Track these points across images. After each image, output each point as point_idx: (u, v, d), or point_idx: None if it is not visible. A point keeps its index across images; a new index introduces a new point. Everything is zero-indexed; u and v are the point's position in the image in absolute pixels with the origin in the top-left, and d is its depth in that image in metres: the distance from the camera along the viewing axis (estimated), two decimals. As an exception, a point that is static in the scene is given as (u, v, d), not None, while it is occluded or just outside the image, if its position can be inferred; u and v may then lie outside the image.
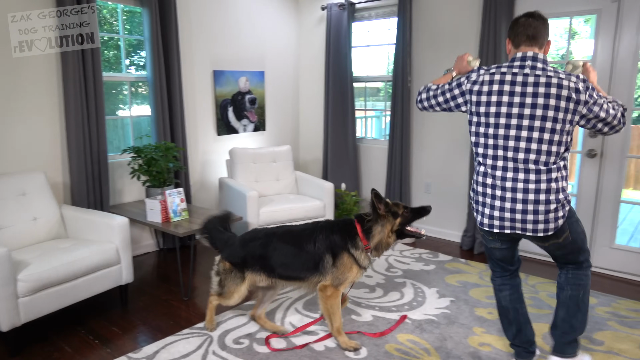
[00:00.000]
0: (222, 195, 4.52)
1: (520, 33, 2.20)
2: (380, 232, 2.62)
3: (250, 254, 2.74)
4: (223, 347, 2.72)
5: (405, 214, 2.65)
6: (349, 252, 2.63)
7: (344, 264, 2.62)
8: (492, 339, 2.77)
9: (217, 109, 4.72)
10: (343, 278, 2.63)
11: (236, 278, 2.76)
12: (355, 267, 2.64)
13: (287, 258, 2.70)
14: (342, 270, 2.62)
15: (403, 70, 4.50)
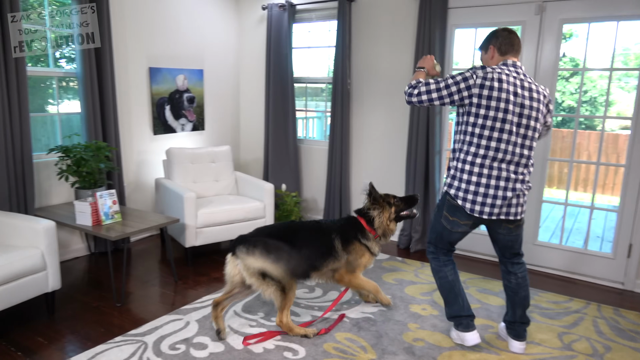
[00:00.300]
0: (159, 197, 4.39)
1: (508, 43, 2.51)
2: (381, 221, 2.98)
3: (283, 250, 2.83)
4: (158, 353, 2.65)
5: (397, 203, 3.04)
6: (360, 241, 2.96)
7: (355, 250, 2.94)
8: (426, 334, 2.88)
9: (154, 107, 4.58)
10: (356, 264, 2.96)
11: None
12: (368, 253, 2.99)
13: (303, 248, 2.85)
14: (354, 256, 2.94)
15: (343, 72, 4.57)
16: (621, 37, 3.53)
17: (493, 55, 2.54)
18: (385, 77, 4.51)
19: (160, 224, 3.58)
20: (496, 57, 2.54)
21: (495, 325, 3.02)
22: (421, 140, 4.21)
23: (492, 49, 2.54)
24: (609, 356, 2.68)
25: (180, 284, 3.60)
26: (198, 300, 3.30)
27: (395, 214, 3.03)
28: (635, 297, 3.50)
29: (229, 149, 4.68)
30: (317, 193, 5.18)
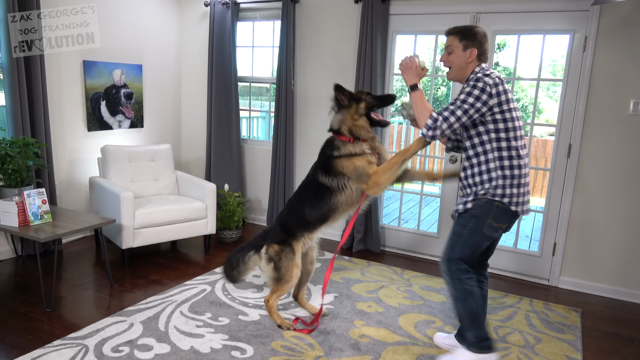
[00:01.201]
0: (93, 196, 4.16)
1: (487, 48, 2.44)
2: (343, 120, 2.71)
3: (284, 220, 2.86)
4: (100, 356, 2.51)
5: (368, 99, 2.71)
6: (337, 157, 2.70)
7: (343, 166, 2.68)
8: (371, 331, 2.94)
9: (88, 102, 4.34)
10: (360, 171, 2.65)
11: (289, 252, 2.80)
12: (355, 159, 2.67)
13: (309, 203, 2.78)
14: (350, 169, 2.67)
15: (287, 73, 4.57)
16: (549, 50, 3.81)
17: (471, 59, 2.40)
18: (328, 79, 4.56)
19: (95, 224, 3.40)
20: (473, 64, 2.41)
21: (438, 320, 3.13)
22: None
23: (473, 52, 2.40)
24: (539, 347, 2.86)
25: (117, 287, 3.43)
26: (142, 302, 3.16)
27: (365, 110, 2.69)
28: (559, 292, 3.77)
29: (170, 148, 4.52)
30: (261, 193, 5.14)
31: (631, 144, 3.51)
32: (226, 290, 3.42)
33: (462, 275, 2.44)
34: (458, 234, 2.47)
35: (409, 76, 2.46)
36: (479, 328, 2.47)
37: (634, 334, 3.15)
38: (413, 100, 2.43)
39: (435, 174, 3.00)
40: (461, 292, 2.45)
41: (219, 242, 4.52)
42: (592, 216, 3.70)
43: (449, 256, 2.48)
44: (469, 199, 2.44)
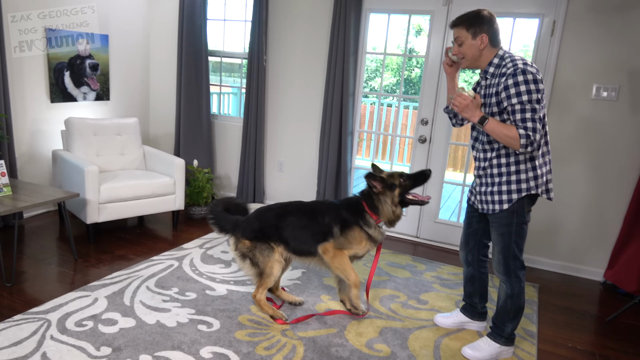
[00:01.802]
0: (57, 170, 4.05)
1: (498, 29, 2.31)
2: (384, 208, 2.67)
3: (266, 224, 2.74)
4: (63, 330, 2.48)
5: (402, 184, 2.65)
6: (361, 227, 2.68)
7: (354, 235, 2.67)
8: (337, 305, 2.99)
9: (51, 72, 4.18)
10: (348, 246, 2.68)
11: (264, 249, 2.72)
12: (365, 241, 2.69)
13: (299, 230, 2.72)
14: (350, 240, 2.68)
15: (259, 48, 4.51)
16: (521, 34, 3.86)
17: (484, 45, 2.30)
18: (301, 56, 4.53)
19: (58, 198, 3.32)
20: (487, 49, 2.31)
21: (402, 295, 3.22)
22: (335, 120, 4.30)
23: (484, 37, 2.28)
24: (498, 319, 2.98)
25: (81, 262, 3.38)
26: (107, 277, 3.12)
27: (399, 196, 2.66)
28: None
29: (137, 122, 4.42)
30: (230, 170, 5.10)
31: (592, 126, 3.63)
32: (194, 265, 3.41)
33: (520, 271, 2.45)
34: (507, 233, 2.40)
35: (471, 113, 2.30)
36: (518, 321, 2.54)
37: (586, 307, 3.31)
38: (491, 131, 2.26)
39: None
40: (518, 289, 2.46)
41: (188, 218, 4.48)
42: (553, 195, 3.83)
43: (505, 255, 2.43)
44: (503, 198, 2.37)
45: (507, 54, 2.32)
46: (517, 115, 2.19)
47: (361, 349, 2.55)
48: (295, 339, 2.58)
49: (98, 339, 2.44)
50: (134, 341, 2.44)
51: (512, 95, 2.19)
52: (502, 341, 2.55)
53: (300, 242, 2.73)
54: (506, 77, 2.21)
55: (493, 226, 2.47)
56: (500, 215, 2.40)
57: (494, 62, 2.34)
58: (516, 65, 2.21)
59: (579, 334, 2.95)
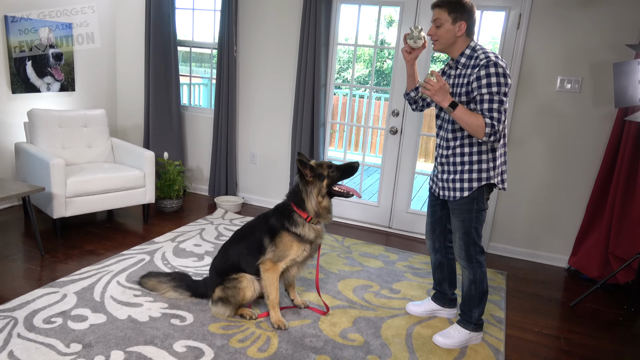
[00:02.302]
0: (20, 163, 3.91)
1: (475, 21, 2.34)
2: (310, 200, 2.55)
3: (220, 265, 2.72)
4: (31, 328, 2.42)
5: (331, 174, 2.55)
6: (288, 230, 2.57)
7: (282, 242, 2.57)
8: (311, 296, 3.01)
9: (11, 62, 4.02)
10: (283, 255, 2.58)
11: (232, 284, 2.64)
12: (296, 243, 2.57)
13: (245, 254, 2.66)
14: (282, 248, 2.57)
15: (229, 38, 4.45)
16: (489, 27, 3.92)
17: (461, 33, 2.34)
18: (272, 46, 4.49)
19: (22, 192, 3.22)
20: (462, 38, 2.36)
21: (375, 284, 3.26)
22: (307, 112, 4.29)
23: (462, 25, 2.32)
24: (467, 306, 3.06)
25: (48, 258, 3.29)
26: (76, 272, 3.05)
27: (327, 187, 2.55)
28: (488, 257, 3.98)
29: (104, 113, 4.31)
30: (202, 162, 5.04)
31: (556, 118, 3.74)
32: (166, 259, 3.37)
33: (481, 256, 2.53)
34: (468, 219, 2.47)
35: (442, 97, 2.29)
36: (484, 305, 2.60)
37: (552, 293, 3.43)
38: (458, 118, 2.29)
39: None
40: (480, 274, 2.53)
41: (159, 212, 4.42)
42: (519, 186, 3.94)
43: (466, 241, 2.50)
44: (464, 186, 2.44)
45: (479, 46, 2.38)
46: (485, 104, 2.26)
47: (335, 338, 2.57)
48: (270, 331, 2.59)
49: (68, 335, 2.39)
50: (105, 337, 2.40)
51: (483, 85, 2.25)
52: (472, 327, 2.63)
53: (248, 265, 2.66)
54: (479, 68, 2.27)
55: (454, 213, 2.54)
56: (461, 202, 2.48)
57: (465, 53, 2.38)
58: (489, 57, 2.28)
59: (545, 319, 3.06)
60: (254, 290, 2.66)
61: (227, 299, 2.64)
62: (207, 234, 3.91)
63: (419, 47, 2.51)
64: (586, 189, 3.76)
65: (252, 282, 2.65)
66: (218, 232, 3.97)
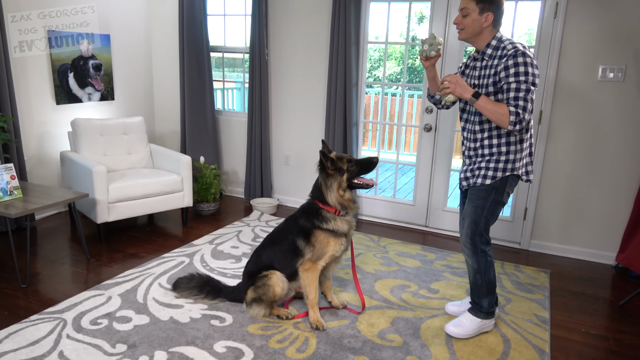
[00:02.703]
0: (65, 171, 4.08)
1: (503, 12, 2.34)
2: (331, 194, 2.56)
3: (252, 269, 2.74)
4: (79, 329, 2.52)
5: (350, 168, 2.56)
6: (320, 228, 2.58)
7: (318, 240, 2.59)
8: (348, 297, 3.00)
9: (55, 74, 4.20)
10: (322, 253, 2.60)
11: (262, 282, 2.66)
12: (332, 239, 2.58)
13: (275, 260, 2.68)
14: (319, 247, 2.59)
15: (260, 42, 4.49)
16: (524, 17, 3.81)
17: (488, 23, 2.32)
18: (303, 48, 4.51)
19: (68, 199, 3.34)
20: (489, 29, 2.34)
21: (412, 284, 3.22)
22: (339, 112, 4.29)
23: (489, 16, 2.30)
24: (509, 307, 2.98)
25: (93, 262, 3.41)
26: (120, 275, 3.16)
27: (347, 181, 2.57)
28: (530, 255, 3.90)
29: (142, 120, 4.44)
30: (237, 165, 5.11)
31: (599, 108, 3.59)
32: (204, 261, 3.44)
33: (486, 247, 2.52)
34: (481, 207, 2.46)
35: (463, 89, 2.31)
36: (493, 295, 2.61)
37: (598, 292, 3.30)
38: (482, 108, 2.29)
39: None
40: (484, 264, 2.53)
41: (197, 215, 4.51)
42: (562, 181, 3.81)
43: (473, 230, 2.49)
44: (488, 174, 2.43)
45: (505, 37, 2.37)
46: (512, 93, 2.24)
47: (373, 339, 2.56)
48: (308, 332, 2.60)
49: (113, 336, 2.47)
50: (148, 338, 2.47)
51: (511, 74, 2.24)
52: (483, 316, 2.62)
53: (283, 268, 2.68)
54: (507, 58, 2.27)
55: (470, 198, 2.52)
56: (480, 188, 2.46)
57: (492, 44, 2.37)
58: (516, 47, 2.26)
59: (592, 318, 2.94)
60: (283, 286, 2.68)
61: (259, 298, 2.67)
62: (244, 236, 3.97)
63: (433, 55, 2.50)
64: (632, 182, 3.59)
65: (282, 278, 2.67)
66: (255, 234, 4.02)
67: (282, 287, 2.67)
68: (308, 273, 2.64)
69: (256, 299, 2.68)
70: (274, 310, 2.74)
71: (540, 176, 3.86)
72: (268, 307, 2.70)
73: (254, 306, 2.70)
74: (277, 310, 2.74)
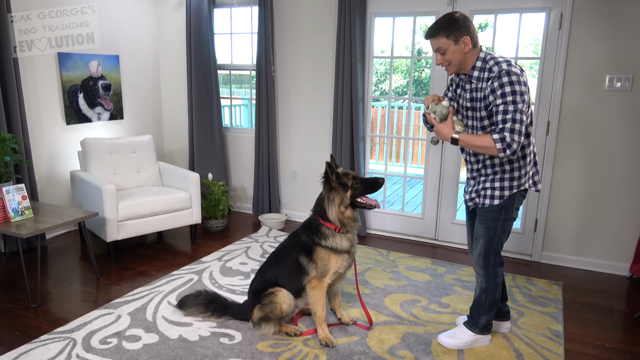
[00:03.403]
0: (75, 190, 4.12)
1: (474, 27, 2.31)
2: (332, 209, 2.54)
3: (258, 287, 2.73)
4: (88, 348, 2.53)
5: (355, 186, 2.53)
6: (320, 245, 2.57)
7: (320, 257, 2.57)
8: (358, 312, 2.97)
9: (65, 95, 4.26)
10: (325, 270, 2.58)
11: (268, 299, 2.65)
12: (333, 256, 2.56)
13: (280, 277, 2.68)
14: (321, 264, 2.58)
15: (266, 59, 4.54)
16: (529, 28, 3.81)
17: (468, 48, 2.29)
18: (309, 64, 4.55)
19: (78, 218, 3.37)
20: (471, 51, 2.31)
21: (423, 299, 3.19)
22: (346, 126, 4.30)
23: (466, 40, 2.27)
24: (522, 321, 2.93)
25: (103, 280, 3.42)
26: (129, 294, 3.17)
27: (350, 199, 2.53)
28: (542, 267, 3.85)
29: (151, 139, 4.48)
30: (245, 181, 5.13)
31: (607, 118, 3.57)
32: (213, 278, 3.43)
33: (498, 268, 2.52)
34: (493, 228, 2.45)
35: (443, 135, 2.39)
36: (493, 313, 2.61)
37: (613, 304, 3.24)
38: (467, 145, 2.34)
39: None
40: (493, 284, 2.52)
41: (205, 232, 4.52)
42: (572, 192, 3.77)
43: (486, 249, 2.48)
44: (495, 194, 2.41)
45: (489, 55, 2.35)
46: (499, 116, 2.22)
47: (384, 355, 2.53)
48: (317, 349, 2.58)
49: (123, 355, 2.47)
50: (157, 357, 2.46)
51: (498, 96, 2.22)
52: (478, 330, 2.62)
53: (289, 285, 2.66)
54: (491, 80, 2.25)
55: (480, 219, 2.51)
56: (489, 210, 2.45)
57: (477, 66, 2.35)
58: (500, 67, 2.24)
59: (607, 331, 2.88)
60: (290, 303, 2.66)
61: (267, 317, 2.65)
62: (253, 252, 3.96)
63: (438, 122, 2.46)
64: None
65: (288, 295, 2.66)
66: (263, 250, 4.01)
67: (288, 303, 2.66)
68: (315, 290, 2.62)
69: (264, 317, 2.67)
70: (283, 327, 2.72)
71: (550, 187, 3.82)
72: (277, 325, 2.69)
73: (262, 325, 2.68)
74: (286, 327, 2.73)
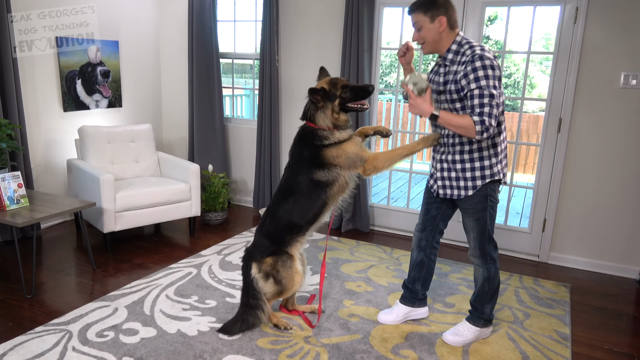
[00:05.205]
0: (72, 179, 4.02)
1: (454, 11, 2.32)
2: (324, 119, 2.48)
3: (274, 232, 2.59)
4: (84, 341, 2.46)
5: (343, 95, 2.47)
6: (325, 145, 2.47)
7: (336, 155, 2.47)
8: (360, 310, 2.90)
9: (63, 81, 4.16)
10: (352, 159, 2.47)
11: (285, 261, 2.57)
12: (345, 144, 2.47)
13: (298, 205, 2.55)
14: (343, 158, 2.47)
15: (270, 48, 4.43)
16: (542, 22, 3.72)
17: (443, 28, 2.29)
18: (314, 54, 4.44)
19: (74, 208, 3.28)
20: (446, 32, 2.31)
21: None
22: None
23: (442, 20, 2.28)
24: (528, 322, 2.86)
25: (99, 272, 3.34)
26: (126, 286, 3.09)
27: (340, 106, 2.48)
28: (549, 268, 3.77)
29: (150, 128, 4.38)
30: (246, 174, 5.04)
31: (621, 116, 3.48)
32: (212, 272, 3.35)
33: (495, 253, 2.53)
34: (483, 218, 2.45)
35: (419, 110, 2.31)
36: (495, 301, 2.61)
37: (622, 307, 3.16)
38: (445, 123, 2.28)
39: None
40: (494, 271, 2.53)
41: (205, 225, 4.43)
42: (582, 191, 3.68)
43: (481, 240, 2.48)
44: (468, 184, 2.41)
45: (464, 39, 2.34)
46: (475, 100, 2.21)
47: (387, 355, 2.46)
48: (319, 346, 2.50)
49: (120, 349, 2.40)
50: (155, 351, 2.39)
51: (471, 80, 2.22)
52: (482, 323, 2.61)
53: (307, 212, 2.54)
54: (465, 65, 2.25)
55: (467, 212, 2.49)
56: (473, 201, 2.44)
57: (452, 49, 2.35)
58: (474, 51, 2.24)
59: (615, 335, 2.81)
60: (302, 277, 2.62)
61: (279, 280, 2.56)
62: (253, 246, 3.88)
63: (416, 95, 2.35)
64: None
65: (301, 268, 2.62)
66: (264, 244, 3.93)
67: (300, 278, 2.61)
68: (374, 162, 2.48)
69: (275, 277, 2.55)
70: (273, 317, 2.65)
71: (560, 186, 3.73)
72: (279, 295, 2.60)
73: (270, 281, 2.56)
74: (276, 318, 2.66)
